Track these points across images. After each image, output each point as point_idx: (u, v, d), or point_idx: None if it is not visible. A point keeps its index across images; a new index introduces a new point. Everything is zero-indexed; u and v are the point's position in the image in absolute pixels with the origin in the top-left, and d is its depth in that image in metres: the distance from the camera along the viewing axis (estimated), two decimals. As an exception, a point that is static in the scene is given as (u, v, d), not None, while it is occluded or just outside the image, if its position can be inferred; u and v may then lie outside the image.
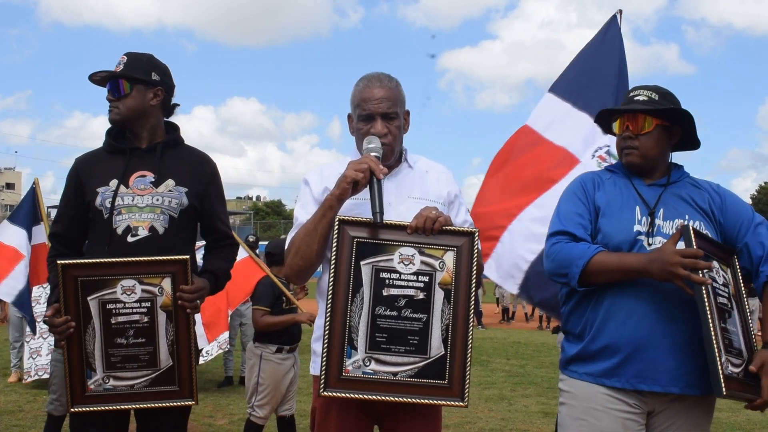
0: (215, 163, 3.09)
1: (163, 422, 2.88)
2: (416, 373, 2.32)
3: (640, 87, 2.64)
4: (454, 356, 2.33)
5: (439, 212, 2.37)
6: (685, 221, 2.50)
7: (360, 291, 2.34)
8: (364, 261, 2.35)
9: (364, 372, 2.32)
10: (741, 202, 2.63)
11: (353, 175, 2.35)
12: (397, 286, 2.35)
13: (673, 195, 2.57)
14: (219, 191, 3.07)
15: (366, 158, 2.39)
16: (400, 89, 2.60)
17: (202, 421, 6.56)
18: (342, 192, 2.38)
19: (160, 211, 2.86)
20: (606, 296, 2.48)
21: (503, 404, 7.76)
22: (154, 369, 2.77)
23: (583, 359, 2.51)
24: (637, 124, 2.56)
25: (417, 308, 2.34)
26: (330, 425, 2.51)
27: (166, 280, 2.76)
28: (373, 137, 2.49)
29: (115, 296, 2.73)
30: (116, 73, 2.92)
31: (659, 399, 2.46)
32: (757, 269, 2.54)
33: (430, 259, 2.36)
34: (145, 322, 2.75)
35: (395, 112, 2.53)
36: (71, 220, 2.95)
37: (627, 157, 2.60)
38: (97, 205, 2.85)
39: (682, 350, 2.41)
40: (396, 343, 2.33)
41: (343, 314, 2.33)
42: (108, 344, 2.74)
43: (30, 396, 7.55)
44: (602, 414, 2.45)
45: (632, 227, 2.50)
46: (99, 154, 2.99)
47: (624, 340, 2.43)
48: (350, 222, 2.37)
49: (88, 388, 2.74)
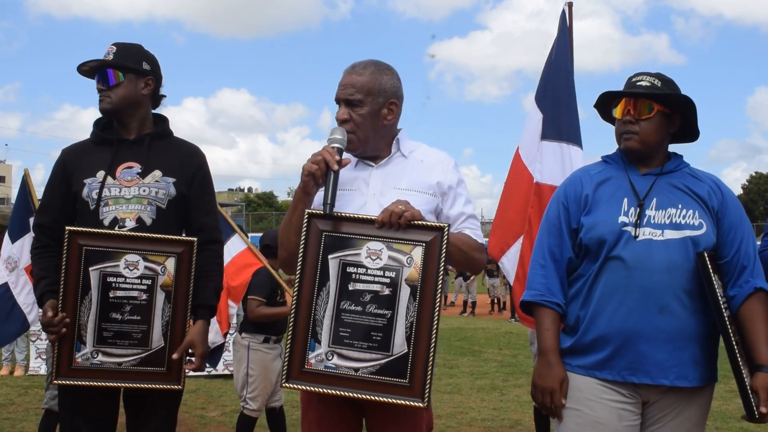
0: (204, 155, 3.05)
1: (151, 416, 2.86)
2: (377, 370, 2.29)
3: (643, 73, 2.61)
4: (417, 355, 2.29)
5: (408, 206, 2.33)
6: (677, 210, 2.49)
7: (326, 285, 2.33)
8: (331, 255, 2.34)
9: (326, 366, 2.31)
10: (738, 207, 2.58)
11: (309, 168, 2.38)
12: (363, 281, 2.32)
13: (667, 184, 2.55)
14: (207, 183, 3.02)
15: (323, 150, 2.40)
16: (378, 78, 2.52)
17: (194, 413, 6.56)
18: (303, 185, 2.41)
19: (147, 202, 2.84)
20: (596, 290, 2.48)
21: (495, 394, 7.79)
22: (144, 348, 2.76)
23: (576, 352, 2.52)
24: (638, 109, 2.53)
25: (382, 304, 2.31)
26: (311, 414, 2.52)
27: (170, 260, 2.77)
28: (337, 128, 2.48)
29: (117, 270, 2.72)
30: (107, 61, 2.89)
31: (652, 390, 2.46)
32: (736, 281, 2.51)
33: (398, 254, 2.33)
34: (143, 299, 2.75)
35: (358, 99, 2.48)
36: (57, 211, 2.90)
37: (626, 142, 2.56)
38: (83, 197, 2.83)
39: (671, 342, 2.42)
40: (359, 339, 2.30)
41: (308, 307, 2.32)
42: (102, 318, 2.72)
43: (21, 389, 7.52)
44: (596, 404, 2.46)
45: (617, 219, 2.48)
46: (86, 146, 2.97)
47: (614, 332, 2.43)
48: (318, 215, 2.36)
49: (75, 361, 2.71)
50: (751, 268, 2.49)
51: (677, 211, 2.49)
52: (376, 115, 2.52)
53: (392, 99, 2.55)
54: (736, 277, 2.49)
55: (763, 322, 2.44)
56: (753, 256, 2.51)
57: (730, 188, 2.64)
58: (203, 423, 6.29)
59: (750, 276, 2.48)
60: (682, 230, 2.46)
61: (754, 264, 2.50)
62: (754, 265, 2.50)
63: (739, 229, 2.52)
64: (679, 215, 2.48)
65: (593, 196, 2.55)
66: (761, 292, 2.46)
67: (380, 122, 2.53)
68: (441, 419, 6.40)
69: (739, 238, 2.51)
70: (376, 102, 2.51)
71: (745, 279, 2.48)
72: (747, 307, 2.45)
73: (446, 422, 6.39)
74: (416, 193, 2.49)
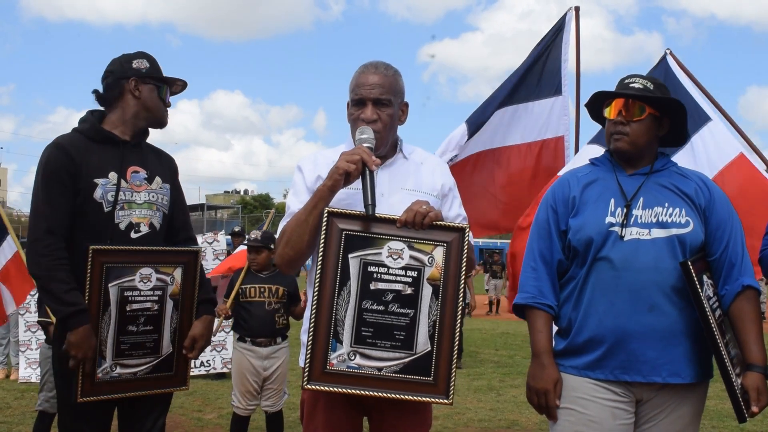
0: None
1: (144, 417, 2.89)
2: (401, 369, 2.31)
3: (635, 75, 2.63)
4: (441, 353, 2.31)
5: (430, 207, 2.35)
6: (664, 208, 2.50)
7: (347, 284, 2.32)
8: (352, 254, 2.34)
9: (349, 366, 2.31)
10: (726, 204, 2.59)
11: (345, 167, 2.33)
12: (385, 280, 2.33)
13: (654, 183, 2.56)
14: (179, 185, 3.11)
15: (359, 149, 2.38)
16: (398, 79, 2.57)
17: (191, 416, 6.54)
18: (334, 183, 2.37)
19: (156, 208, 2.90)
20: (586, 291, 2.51)
21: (492, 395, 7.79)
22: (156, 356, 2.85)
23: (569, 353, 2.54)
24: (630, 111, 2.54)
25: (404, 303, 2.32)
26: (317, 418, 2.50)
27: (177, 270, 2.86)
28: (366, 128, 2.47)
29: (133, 284, 2.79)
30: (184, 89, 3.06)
31: (645, 388, 2.48)
32: (726, 280, 2.52)
33: (420, 254, 2.35)
34: (155, 309, 2.83)
35: (388, 99, 2.50)
36: (69, 208, 2.72)
37: (616, 143, 2.58)
38: (96, 198, 2.75)
39: (662, 340, 2.44)
40: (382, 338, 2.31)
41: (330, 307, 2.32)
42: (120, 331, 2.78)
43: (17, 393, 7.49)
44: (590, 403, 2.47)
45: (604, 219, 2.50)
46: (83, 141, 2.80)
47: (605, 332, 2.46)
48: (339, 214, 2.35)
49: (97, 377, 2.75)
50: (740, 265, 2.51)
51: (664, 209, 2.50)
52: (396, 116, 2.57)
53: (405, 100, 2.62)
54: (726, 274, 2.51)
55: (752, 320, 2.47)
56: (741, 253, 2.52)
57: (718, 186, 2.65)
58: (200, 425, 6.27)
59: (739, 274, 2.50)
60: (668, 229, 2.48)
61: (743, 261, 2.51)
62: (742, 262, 2.51)
63: (727, 226, 2.53)
64: (665, 214, 2.50)
65: (580, 197, 2.58)
66: (750, 289, 2.48)
67: (397, 123, 2.58)
68: (438, 420, 6.40)
69: (728, 235, 2.52)
70: (397, 103, 2.56)
71: (734, 277, 2.50)
72: (736, 306, 2.48)
73: (443, 423, 6.39)
74: (423, 194, 2.51)
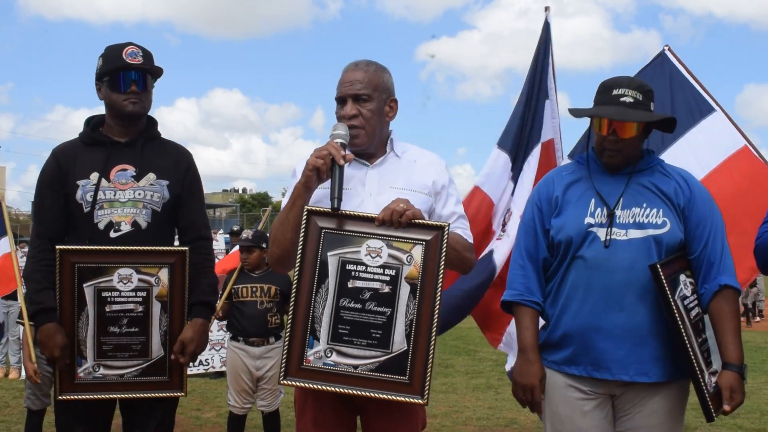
0: (192, 155, 3.05)
1: (148, 417, 2.85)
2: (377, 368, 2.30)
3: (622, 84, 2.52)
4: (417, 352, 2.30)
5: (409, 205, 2.35)
6: (641, 209, 2.51)
7: (326, 282, 2.33)
8: (331, 252, 2.35)
9: (325, 363, 2.31)
10: (708, 202, 2.56)
11: (314, 162, 2.36)
12: (363, 278, 2.33)
13: (635, 183, 2.56)
14: (197, 182, 3.01)
15: (328, 145, 2.40)
16: (381, 74, 2.56)
17: (190, 414, 6.55)
18: (306, 180, 2.39)
19: (143, 206, 2.83)
20: (564, 289, 2.54)
21: (490, 393, 7.80)
22: (145, 359, 2.79)
23: (548, 347, 2.59)
24: (625, 130, 2.49)
25: (382, 302, 2.32)
26: (307, 415, 2.51)
27: (163, 271, 2.78)
28: (340, 124, 2.49)
29: (111, 284, 2.73)
30: (147, 68, 2.87)
31: (614, 384, 2.51)
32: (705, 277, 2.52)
33: (398, 252, 2.34)
34: (139, 311, 2.76)
35: (367, 94, 2.50)
36: (58, 213, 2.82)
37: (611, 159, 2.56)
38: (77, 199, 2.79)
39: (631, 338, 2.46)
40: (358, 336, 2.31)
41: (307, 304, 2.33)
42: (101, 332, 2.74)
43: (16, 392, 7.48)
44: (559, 401, 2.54)
45: (583, 220, 2.52)
46: (77, 146, 2.90)
47: (577, 329, 2.50)
48: (318, 212, 2.36)
49: (77, 376, 2.74)
50: (719, 264, 2.50)
51: (641, 210, 2.51)
52: (381, 112, 2.56)
53: (393, 96, 2.60)
54: (705, 273, 2.51)
55: (729, 320, 2.47)
56: (721, 251, 2.51)
57: (700, 183, 2.64)
58: (198, 424, 6.28)
59: (717, 273, 2.50)
60: (645, 229, 2.48)
61: (722, 260, 2.51)
62: (721, 261, 2.51)
63: (707, 224, 2.52)
64: (642, 214, 2.50)
65: (563, 197, 2.59)
66: (727, 288, 2.48)
67: (383, 119, 2.57)
68: (436, 418, 6.41)
69: (707, 233, 2.52)
70: (381, 98, 2.55)
71: (713, 276, 2.50)
72: (714, 305, 2.49)
73: (441, 421, 6.39)
74: (412, 193, 2.50)
